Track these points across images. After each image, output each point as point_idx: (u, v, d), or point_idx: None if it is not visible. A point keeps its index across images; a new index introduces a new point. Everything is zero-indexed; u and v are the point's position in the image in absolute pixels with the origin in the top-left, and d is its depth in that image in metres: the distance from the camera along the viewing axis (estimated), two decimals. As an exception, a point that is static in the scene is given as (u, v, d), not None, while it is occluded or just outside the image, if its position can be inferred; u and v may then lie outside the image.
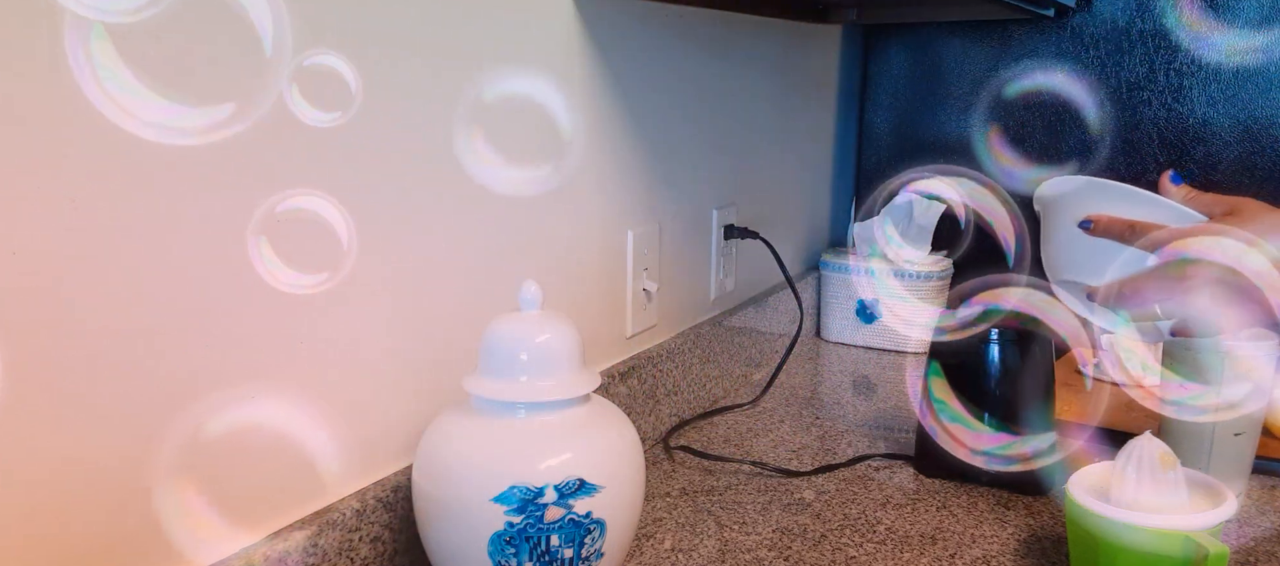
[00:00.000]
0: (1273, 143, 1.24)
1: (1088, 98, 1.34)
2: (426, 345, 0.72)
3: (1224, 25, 1.22)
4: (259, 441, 0.60)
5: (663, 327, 1.06)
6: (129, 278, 0.51)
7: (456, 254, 0.74)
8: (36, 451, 0.48)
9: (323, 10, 0.60)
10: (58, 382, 0.48)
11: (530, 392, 0.63)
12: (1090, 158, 1.35)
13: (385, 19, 0.65)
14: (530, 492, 0.60)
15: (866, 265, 0.76)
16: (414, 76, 0.68)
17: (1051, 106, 1.37)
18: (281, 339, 0.61)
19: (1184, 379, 0.83)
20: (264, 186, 0.58)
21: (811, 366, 1.33)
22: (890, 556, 0.77)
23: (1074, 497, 0.70)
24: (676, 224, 1.06)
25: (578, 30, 0.86)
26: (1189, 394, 0.75)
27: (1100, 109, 1.35)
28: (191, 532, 0.56)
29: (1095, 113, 1.33)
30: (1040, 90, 1.40)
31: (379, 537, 0.67)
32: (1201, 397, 0.75)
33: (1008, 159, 0.92)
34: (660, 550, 0.78)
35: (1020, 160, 0.93)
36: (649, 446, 1.00)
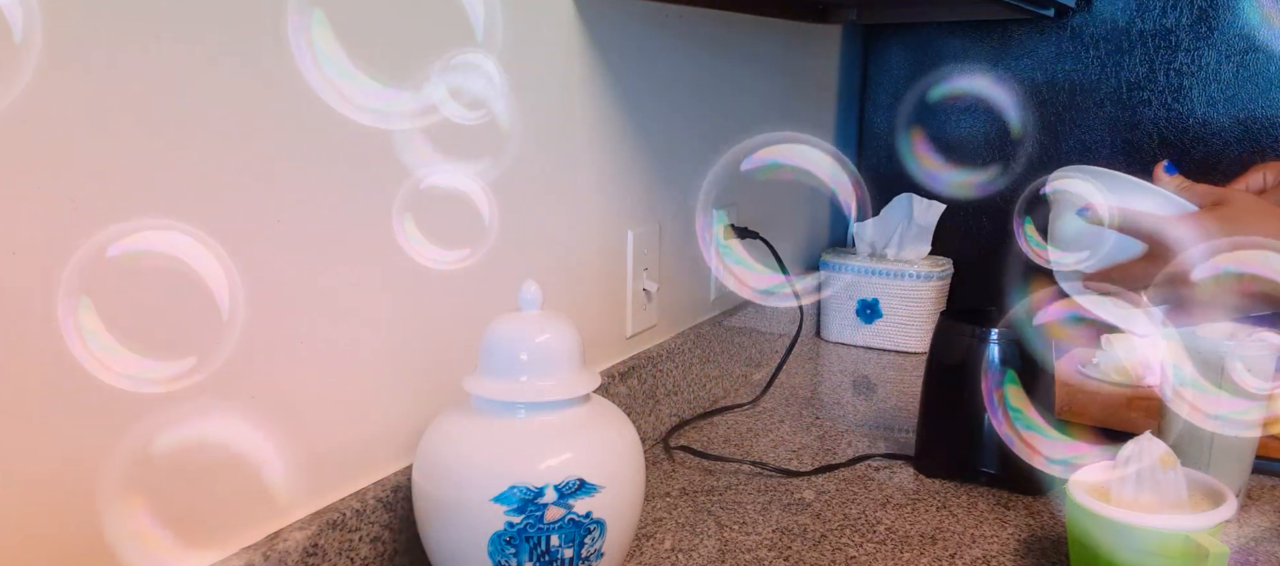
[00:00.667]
0: (1273, 143, 1.24)
1: (1010, 101, 1.35)
2: (426, 345, 0.72)
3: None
4: (259, 441, 0.60)
5: (663, 327, 1.06)
6: (130, 277, 0.51)
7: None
8: (37, 451, 0.48)
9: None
10: (58, 383, 0.48)
11: (530, 392, 0.63)
12: (1087, 159, 1.35)
13: (382, 17, 0.65)
14: (530, 492, 0.60)
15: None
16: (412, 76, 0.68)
17: (1052, 106, 1.37)
18: (282, 339, 0.61)
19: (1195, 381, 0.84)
20: (264, 188, 0.58)
21: (811, 366, 1.33)
22: (890, 556, 0.77)
23: (1074, 497, 0.70)
24: (676, 224, 1.06)
25: (578, 30, 0.86)
26: (1236, 409, 0.75)
27: (1021, 112, 1.36)
28: (190, 532, 0.56)
29: (1016, 116, 1.34)
30: (963, 93, 1.42)
31: (379, 537, 0.67)
32: (1248, 413, 0.75)
33: (931, 163, 0.92)
34: (660, 550, 0.78)
35: (944, 164, 0.93)
36: (649, 446, 1.00)
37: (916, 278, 1.37)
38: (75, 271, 0.38)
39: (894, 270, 1.38)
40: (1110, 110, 1.33)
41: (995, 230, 1.45)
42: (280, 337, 0.60)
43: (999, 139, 1.43)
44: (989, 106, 1.41)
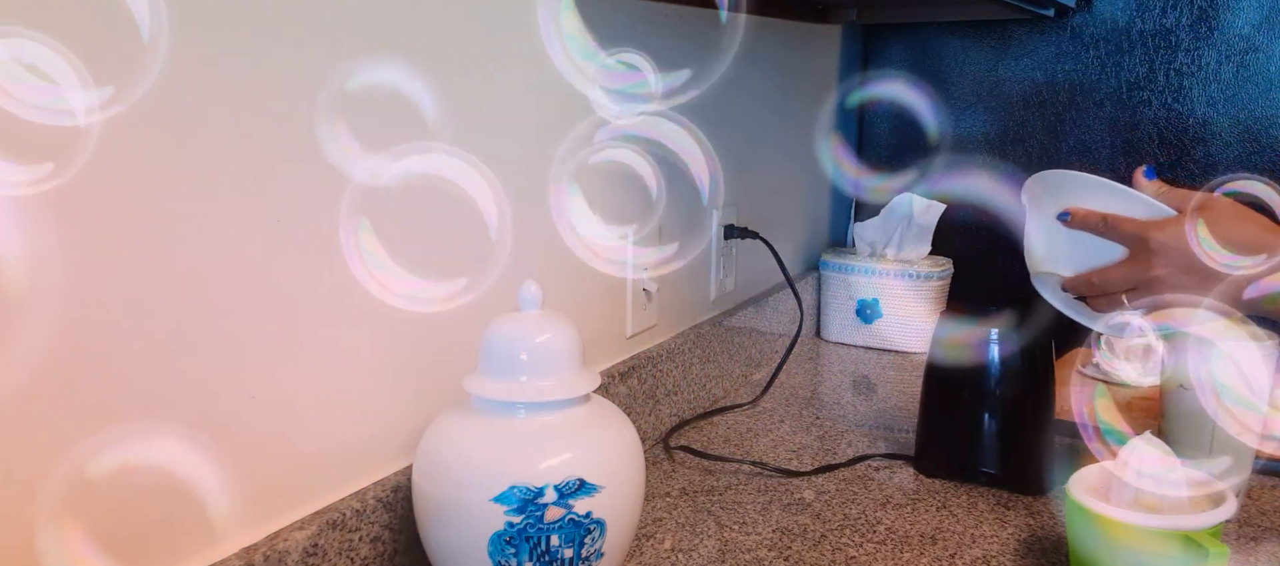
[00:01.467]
0: (1273, 143, 1.24)
1: (925, 105, 1.36)
2: (426, 345, 0.72)
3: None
4: (259, 441, 0.60)
5: (663, 327, 1.06)
6: (130, 278, 0.51)
7: (457, 253, 0.74)
8: (35, 452, 0.48)
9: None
10: (58, 382, 0.48)
11: (530, 392, 0.63)
12: (1087, 159, 1.35)
13: (383, 17, 0.65)
14: (530, 492, 0.60)
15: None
16: (412, 76, 0.68)
17: (1052, 106, 1.37)
18: (282, 339, 0.61)
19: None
20: (265, 192, 0.58)
21: (811, 366, 1.33)
22: (890, 556, 0.77)
23: (1074, 497, 0.70)
24: (676, 224, 1.06)
25: (578, 30, 0.86)
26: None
27: (938, 118, 1.37)
28: (190, 531, 0.56)
29: (933, 121, 1.36)
30: (880, 98, 1.44)
31: (379, 537, 0.67)
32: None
33: (851, 167, 0.92)
34: (660, 550, 0.78)
35: (864, 168, 0.94)
36: (649, 446, 1.00)
37: (916, 277, 1.37)
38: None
39: (894, 270, 1.38)
40: (1110, 110, 1.33)
41: (995, 230, 1.45)
42: (280, 337, 0.60)
43: (922, 141, 1.44)
44: (910, 111, 1.44)
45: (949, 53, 1.44)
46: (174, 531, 0.55)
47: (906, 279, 1.37)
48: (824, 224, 1.53)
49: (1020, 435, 0.89)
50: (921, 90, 1.43)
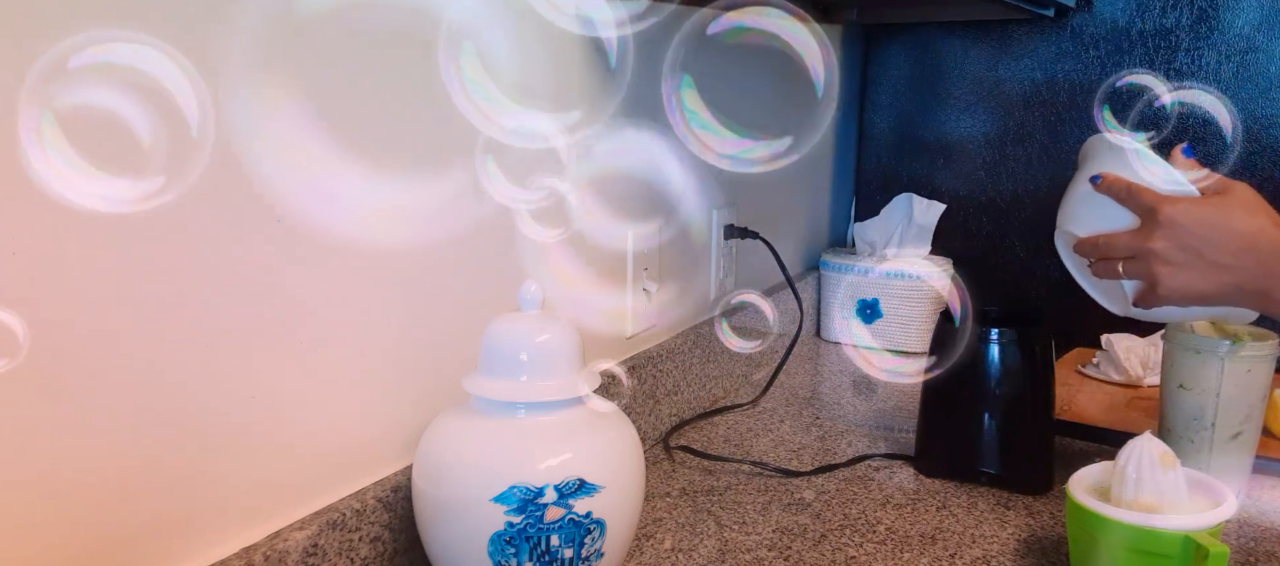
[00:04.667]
0: (1273, 143, 1.24)
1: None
2: (426, 345, 0.72)
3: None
4: (259, 441, 0.60)
5: (663, 328, 1.06)
6: (130, 277, 0.51)
7: (457, 253, 0.74)
8: (36, 451, 0.48)
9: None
10: (58, 382, 0.48)
11: (530, 393, 0.63)
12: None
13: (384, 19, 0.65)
14: (530, 492, 0.60)
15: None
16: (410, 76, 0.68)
17: (1052, 106, 1.37)
18: (282, 339, 0.61)
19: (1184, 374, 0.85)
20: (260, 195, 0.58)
21: (811, 366, 1.33)
22: (890, 556, 0.77)
23: (1074, 497, 0.70)
24: (676, 224, 1.06)
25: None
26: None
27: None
28: (188, 531, 0.56)
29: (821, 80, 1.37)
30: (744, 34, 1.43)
31: (379, 537, 0.67)
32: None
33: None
34: (660, 550, 0.78)
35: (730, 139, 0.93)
36: (649, 446, 1.00)
37: (916, 277, 1.37)
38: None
39: (894, 270, 1.38)
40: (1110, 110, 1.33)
41: (995, 230, 1.45)
42: (281, 337, 0.60)
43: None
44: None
45: (949, 53, 1.44)
46: (174, 531, 0.55)
47: (906, 279, 1.37)
48: (824, 224, 1.53)
49: (1020, 435, 0.89)
50: (921, 90, 1.43)
